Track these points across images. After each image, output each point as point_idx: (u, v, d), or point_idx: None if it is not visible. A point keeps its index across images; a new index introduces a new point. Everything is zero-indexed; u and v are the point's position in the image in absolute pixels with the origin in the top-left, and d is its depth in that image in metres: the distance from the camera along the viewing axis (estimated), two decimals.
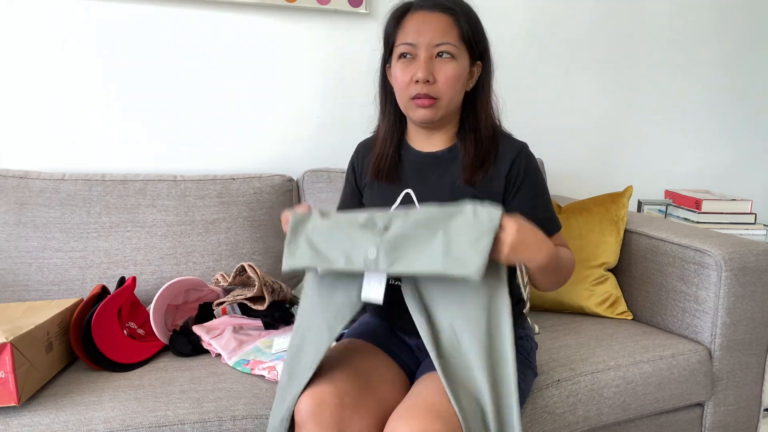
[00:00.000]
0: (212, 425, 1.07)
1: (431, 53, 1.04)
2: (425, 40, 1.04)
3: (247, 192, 1.66)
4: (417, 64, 1.04)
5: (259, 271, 1.41)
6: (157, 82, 1.74)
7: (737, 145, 2.51)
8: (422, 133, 1.14)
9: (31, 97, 1.65)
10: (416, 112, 1.07)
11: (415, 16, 1.06)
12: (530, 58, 2.13)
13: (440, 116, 1.08)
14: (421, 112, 1.06)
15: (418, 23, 1.05)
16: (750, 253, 1.44)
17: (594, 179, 2.29)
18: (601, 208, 1.67)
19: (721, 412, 1.48)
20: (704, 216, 2.07)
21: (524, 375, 1.11)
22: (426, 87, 1.04)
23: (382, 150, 1.15)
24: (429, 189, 1.11)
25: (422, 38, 1.04)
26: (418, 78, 1.03)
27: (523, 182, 1.08)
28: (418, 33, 1.05)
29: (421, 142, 1.15)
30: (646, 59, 2.29)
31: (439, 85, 1.05)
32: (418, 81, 1.03)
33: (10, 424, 1.02)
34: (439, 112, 1.07)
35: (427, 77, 1.03)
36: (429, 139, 1.14)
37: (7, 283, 1.45)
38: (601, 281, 1.63)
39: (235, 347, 1.29)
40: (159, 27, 1.72)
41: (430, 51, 1.04)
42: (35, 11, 1.62)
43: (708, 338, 1.45)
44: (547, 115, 2.19)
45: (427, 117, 1.07)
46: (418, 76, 1.03)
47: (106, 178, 1.58)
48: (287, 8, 1.81)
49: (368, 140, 1.24)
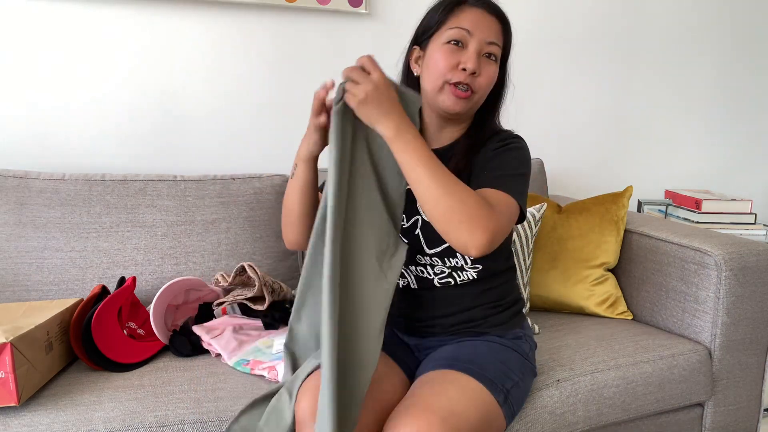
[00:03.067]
0: (212, 425, 1.07)
1: (482, 48, 1.06)
2: (482, 34, 1.05)
3: (247, 192, 1.66)
4: (467, 54, 1.05)
5: (259, 271, 1.41)
6: (157, 81, 1.74)
7: (737, 145, 2.51)
8: (434, 126, 1.14)
9: (31, 97, 1.65)
10: (449, 98, 1.06)
11: (474, 10, 1.07)
12: (530, 58, 2.13)
13: (467, 110, 1.09)
14: (452, 100, 1.06)
15: (477, 17, 1.06)
16: (750, 253, 1.44)
17: (594, 179, 2.29)
18: (601, 208, 1.67)
19: (721, 412, 1.48)
20: (704, 216, 2.08)
21: (523, 375, 1.11)
22: (470, 78, 1.05)
23: None
24: None
25: (479, 31, 1.05)
26: (467, 67, 1.04)
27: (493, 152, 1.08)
28: (475, 25, 1.06)
29: (430, 135, 1.15)
30: (646, 59, 2.29)
31: (480, 81, 1.06)
32: (465, 69, 1.04)
33: (10, 424, 1.02)
34: (468, 105, 1.07)
35: (476, 69, 1.04)
36: (438, 133, 1.14)
37: (7, 283, 1.45)
38: (601, 281, 1.63)
39: (235, 347, 1.29)
40: (159, 26, 1.72)
41: (482, 46, 1.05)
42: (35, 11, 1.62)
43: (708, 338, 1.45)
44: (547, 115, 2.19)
45: (458, 106, 1.07)
46: (468, 65, 1.04)
47: (106, 178, 1.58)
48: (287, 8, 1.81)
49: None
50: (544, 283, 1.64)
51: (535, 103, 2.16)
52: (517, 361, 1.11)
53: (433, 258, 1.12)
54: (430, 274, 1.13)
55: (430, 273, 1.13)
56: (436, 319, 1.15)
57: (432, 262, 1.12)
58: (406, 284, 1.15)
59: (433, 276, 1.13)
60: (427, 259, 1.12)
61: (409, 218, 1.13)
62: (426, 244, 1.12)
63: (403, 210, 1.08)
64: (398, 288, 1.16)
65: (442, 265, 1.12)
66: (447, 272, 1.13)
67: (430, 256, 1.12)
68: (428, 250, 1.12)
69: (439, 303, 1.14)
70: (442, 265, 1.12)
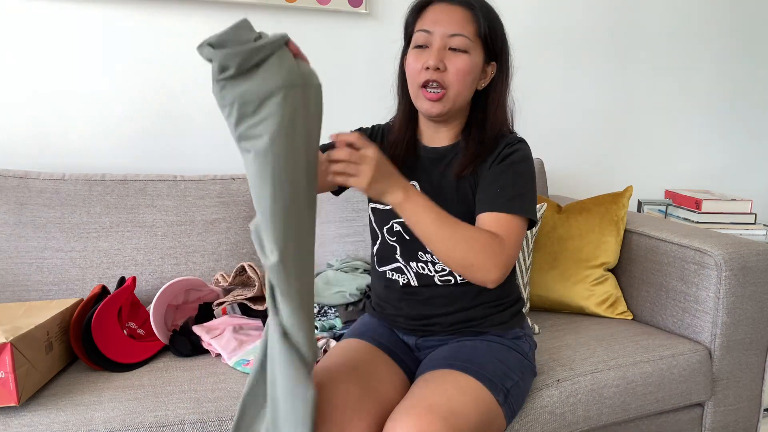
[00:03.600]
0: (212, 425, 1.07)
1: (445, 43, 1.05)
2: (440, 29, 1.05)
3: (247, 192, 1.66)
4: (429, 52, 1.05)
5: (259, 271, 1.41)
6: (157, 81, 1.74)
7: (737, 145, 2.51)
8: (430, 127, 1.15)
9: (31, 97, 1.65)
10: (423, 103, 1.07)
11: (435, 7, 1.07)
12: (530, 58, 2.13)
13: (447, 110, 1.07)
14: (427, 104, 1.06)
15: (437, 14, 1.06)
16: (750, 253, 1.44)
17: (594, 179, 2.29)
18: (601, 208, 1.67)
19: (721, 412, 1.48)
20: (704, 216, 2.08)
21: (523, 375, 1.11)
22: (436, 74, 1.04)
23: (397, 139, 1.16)
24: (432, 184, 1.13)
25: (438, 27, 1.05)
26: (428, 65, 1.04)
27: (501, 163, 1.07)
28: (434, 22, 1.06)
29: (428, 136, 1.16)
30: (647, 59, 2.29)
31: (449, 75, 1.05)
32: (429, 68, 1.04)
33: (10, 424, 1.02)
34: (446, 105, 1.07)
35: (437, 64, 1.04)
36: (436, 134, 1.15)
37: (7, 283, 1.45)
38: (601, 281, 1.63)
39: (235, 347, 1.29)
40: (159, 26, 1.72)
41: (444, 41, 1.05)
42: (35, 11, 1.62)
43: (708, 338, 1.45)
44: (547, 115, 2.19)
45: (433, 110, 1.07)
46: (429, 62, 1.04)
47: (106, 178, 1.58)
48: (287, 8, 1.81)
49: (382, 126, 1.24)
50: (544, 283, 1.64)
51: (535, 103, 2.16)
52: (517, 361, 1.11)
53: (434, 256, 1.12)
54: (431, 271, 1.13)
55: (431, 270, 1.13)
56: (436, 317, 1.15)
57: (433, 259, 1.12)
58: (407, 281, 1.15)
59: (434, 273, 1.13)
60: (428, 256, 1.12)
61: None
62: None
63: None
64: (398, 286, 1.16)
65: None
66: (448, 270, 1.12)
67: (431, 253, 1.12)
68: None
69: (439, 301, 1.14)
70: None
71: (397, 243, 1.15)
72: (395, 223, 1.14)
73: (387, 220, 1.15)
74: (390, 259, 1.17)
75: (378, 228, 1.18)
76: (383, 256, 1.18)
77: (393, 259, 1.16)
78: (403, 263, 1.15)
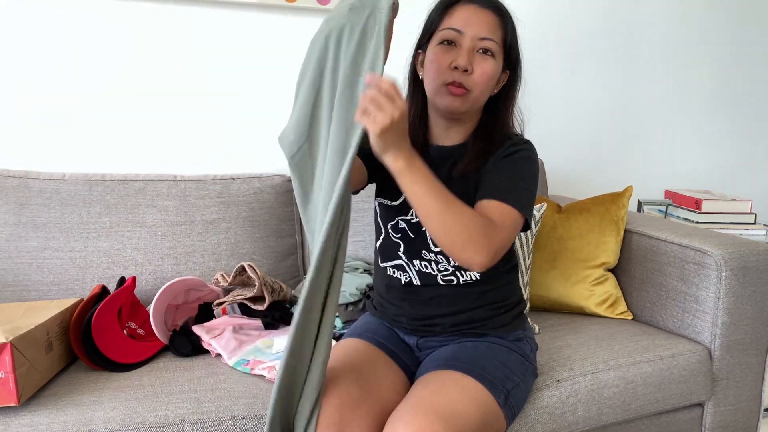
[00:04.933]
0: (212, 425, 1.07)
1: (474, 45, 1.05)
2: (473, 31, 1.04)
3: (247, 192, 1.66)
4: (459, 52, 1.04)
5: (259, 271, 1.41)
6: (157, 81, 1.74)
7: (737, 146, 2.51)
8: (441, 125, 1.14)
9: (31, 97, 1.65)
10: (445, 98, 1.06)
11: (467, 7, 1.07)
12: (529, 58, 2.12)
13: (465, 109, 1.07)
14: (449, 99, 1.06)
15: (469, 14, 1.06)
16: (750, 253, 1.44)
17: (594, 179, 2.29)
18: (601, 208, 1.67)
19: (721, 412, 1.48)
20: (704, 216, 2.07)
21: (524, 377, 1.11)
22: (463, 76, 1.04)
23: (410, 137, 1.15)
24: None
25: (470, 28, 1.05)
26: (458, 65, 1.03)
27: (504, 158, 1.07)
28: (467, 22, 1.05)
29: (437, 135, 1.15)
30: (647, 59, 2.29)
31: (475, 78, 1.05)
32: (457, 68, 1.04)
33: (10, 424, 1.02)
34: (466, 104, 1.06)
35: (467, 66, 1.03)
36: (446, 132, 1.14)
37: (7, 283, 1.45)
38: (601, 281, 1.63)
39: (235, 347, 1.29)
40: (159, 26, 1.72)
41: (474, 43, 1.05)
42: (35, 11, 1.62)
43: (708, 338, 1.45)
44: (548, 115, 2.19)
45: (454, 106, 1.06)
46: (459, 63, 1.03)
47: (106, 178, 1.58)
48: (287, 8, 1.81)
49: None
50: (544, 283, 1.64)
51: (535, 103, 2.16)
52: (518, 363, 1.11)
53: (438, 255, 1.12)
54: (434, 270, 1.13)
55: (434, 269, 1.13)
56: (437, 318, 1.15)
57: (437, 258, 1.12)
58: (409, 280, 1.15)
59: (437, 272, 1.13)
60: (432, 255, 1.12)
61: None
62: (432, 241, 1.12)
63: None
64: (399, 285, 1.16)
65: (446, 262, 1.12)
66: (451, 270, 1.13)
67: (435, 253, 1.12)
68: (434, 247, 1.12)
69: (441, 301, 1.14)
70: (447, 263, 1.12)
71: (402, 240, 1.15)
72: (401, 220, 1.14)
73: (393, 216, 1.15)
74: (392, 255, 1.17)
75: (383, 223, 1.18)
76: (386, 251, 1.18)
77: (395, 256, 1.16)
78: (405, 261, 1.15)
